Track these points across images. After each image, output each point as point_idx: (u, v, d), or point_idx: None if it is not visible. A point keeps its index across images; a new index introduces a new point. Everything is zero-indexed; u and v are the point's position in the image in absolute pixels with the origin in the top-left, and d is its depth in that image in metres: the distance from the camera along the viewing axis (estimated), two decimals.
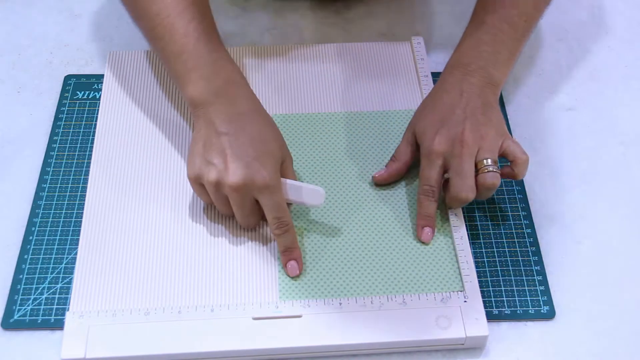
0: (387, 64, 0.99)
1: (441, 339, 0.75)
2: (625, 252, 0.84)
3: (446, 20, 1.07)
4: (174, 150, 0.89)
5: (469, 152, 0.81)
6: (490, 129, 0.83)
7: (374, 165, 0.89)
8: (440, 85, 0.88)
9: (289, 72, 0.98)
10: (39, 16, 1.07)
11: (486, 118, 0.83)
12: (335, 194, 0.86)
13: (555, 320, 0.79)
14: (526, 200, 0.88)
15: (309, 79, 0.97)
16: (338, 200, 0.85)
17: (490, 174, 0.81)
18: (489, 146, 0.81)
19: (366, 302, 0.77)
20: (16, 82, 0.99)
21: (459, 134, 0.81)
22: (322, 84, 0.97)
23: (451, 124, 0.82)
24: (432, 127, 0.83)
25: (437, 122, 0.83)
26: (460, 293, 0.78)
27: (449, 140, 0.81)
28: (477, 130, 0.82)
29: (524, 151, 0.83)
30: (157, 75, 0.97)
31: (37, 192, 0.87)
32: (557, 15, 1.07)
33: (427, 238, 0.82)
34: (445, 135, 0.82)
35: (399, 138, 0.90)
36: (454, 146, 0.81)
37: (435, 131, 0.82)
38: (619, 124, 0.96)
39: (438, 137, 0.82)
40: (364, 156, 0.89)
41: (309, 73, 0.98)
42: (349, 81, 0.97)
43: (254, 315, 0.76)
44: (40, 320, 0.78)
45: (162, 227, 0.83)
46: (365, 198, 0.86)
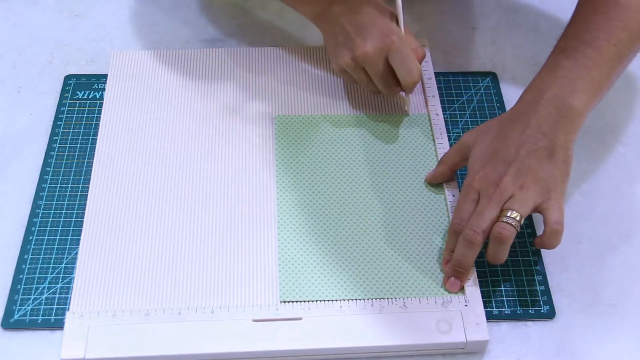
0: None
1: (441, 343, 0.75)
2: (625, 252, 0.84)
3: (446, 21, 1.07)
4: (176, 151, 0.89)
5: (499, 199, 0.76)
6: (535, 181, 0.76)
7: (375, 168, 0.88)
8: (510, 111, 0.82)
9: (289, 73, 0.98)
10: (39, 16, 1.07)
11: (539, 166, 0.77)
12: (336, 197, 0.86)
13: (555, 320, 0.79)
14: None
15: (309, 80, 0.97)
16: (339, 203, 0.85)
17: (503, 224, 0.75)
18: (522, 199, 0.76)
19: (367, 305, 0.77)
20: (16, 82, 0.99)
21: (500, 175, 0.77)
22: (322, 85, 0.97)
23: (499, 161, 0.78)
24: (482, 158, 0.79)
25: (489, 155, 0.79)
26: (461, 297, 0.78)
27: (489, 179, 0.77)
28: (520, 178, 0.76)
29: (559, 220, 0.76)
30: (161, 75, 0.97)
31: (37, 192, 0.87)
32: (557, 15, 1.07)
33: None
34: (488, 173, 0.78)
35: (402, 141, 0.90)
36: (488, 186, 0.77)
37: (483, 165, 0.79)
38: (618, 124, 0.96)
39: (482, 172, 0.78)
40: (365, 159, 0.89)
41: (309, 74, 0.98)
42: (351, 83, 0.97)
43: (254, 317, 0.76)
44: (40, 320, 0.78)
45: (163, 228, 0.83)
46: (366, 201, 0.86)
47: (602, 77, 0.80)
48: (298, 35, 1.05)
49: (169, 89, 0.96)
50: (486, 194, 0.77)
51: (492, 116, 0.95)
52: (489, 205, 0.76)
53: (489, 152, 0.79)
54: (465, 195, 0.79)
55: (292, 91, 0.96)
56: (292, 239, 0.82)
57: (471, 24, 1.07)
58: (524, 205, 0.76)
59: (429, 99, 0.95)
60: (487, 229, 0.76)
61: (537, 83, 0.81)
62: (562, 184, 0.78)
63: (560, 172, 0.78)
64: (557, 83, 0.80)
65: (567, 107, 0.78)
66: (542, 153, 0.77)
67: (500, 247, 0.76)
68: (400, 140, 0.91)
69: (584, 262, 0.84)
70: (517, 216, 0.75)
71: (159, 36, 1.04)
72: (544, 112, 0.79)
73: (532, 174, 0.77)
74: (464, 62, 1.02)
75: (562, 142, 0.78)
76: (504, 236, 0.75)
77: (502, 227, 0.75)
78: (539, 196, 0.76)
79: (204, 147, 0.90)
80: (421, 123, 0.93)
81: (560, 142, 0.78)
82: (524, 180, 0.76)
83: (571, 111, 0.79)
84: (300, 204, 0.85)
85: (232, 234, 0.83)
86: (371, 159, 0.89)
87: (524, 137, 0.78)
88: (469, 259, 0.77)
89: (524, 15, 1.08)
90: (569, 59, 0.80)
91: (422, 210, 0.85)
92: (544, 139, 0.78)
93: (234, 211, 0.84)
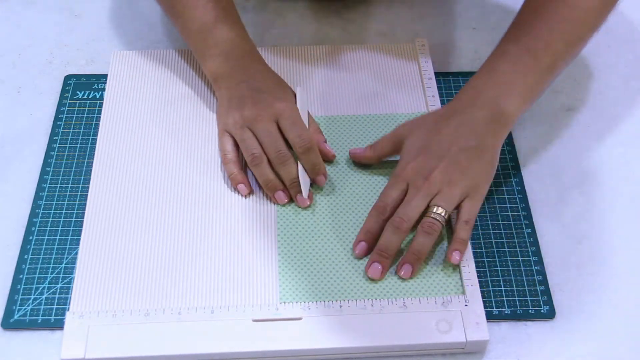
0: (390, 66, 0.99)
1: (441, 343, 0.75)
2: (625, 252, 0.84)
3: (446, 21, 1.07)
4: (176, 151, 0.89)
5: (427, 191, 0.79)
6: (463, 178, 0.79)
7: (374, 168, 0.88)
8: (446, 107, 0.85)
9: (289, 74, 0.98)
10: (39, 16, 1.07)
11: (467, 164, 0.80)
12: (336, 197, 0.86)
13: (555, 320, 0.79)
14: (526, 200, 0.87)
15: (310, 80, 0.97)
16: (339, 203, 0.85)
17: (431, 220, 0.78)
18: (449, 195, 0.79)
19: (367, 305, 0.77)
20: (16, 82, 0.99)
21: (430, 169, 0.79)
22: (323, 85, 0.97)
23: (430, 155, 0.80)
24: (415, 150, 0.82)
25: (421, 147, 0.81)
26: (461, 297, 0.78)
27: (419, 171, 0.80)
28: (449, 173, 0.79)
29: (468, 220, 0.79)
30: (161, 75, 0.97)
31: (37, 192, 0.87)
32: None
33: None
34: (419, 165, 0.80)
35: None
36: (418, 178, 0.80)
37: (415, 156, 0.81)
38: (619, 124, 0.96)
39: (413, 163, 0.81)
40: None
41: (309, 74, 0.98)
42: (351, 83, 0.97)
43: (253, 317, 0.76)
44: (40, 320, 0.78)
45: (163, 228, 0.83)
46: (365, 201, 0.86)
47: (537, 84, 0.84)
48: (298, 35, 1.05)
49: (169, 89, 0.96)
50: (415, 184, 0.80)
51: None
52: (417, 196, 0.79)
53: (421, 145, 0.82)
54: (394, 183, 0.81)
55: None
56: (292, 238, 0.82)
57: (471, 24, 1.07)
58: (450, 203, 0.79)
59: (429, 99, 0.95)
60: (414, 218, 0.79)
61: (474, 83, 0.84)
62: (485, 185, 0.82)
63: (486, 174, 0.81)
64: (493, 86, 0.82)
65: (500, 112, 0.82)
66: (472, 152, 0.80)
67: (426, 240, 0.79)
68: None
69: (584, 262, 0.83)
70: (443, 212, 0.79)
71: (159, 36, 1.04)
72: (478, 114, 0.81)
73: (460, 172, 0.79)
74: (464, 62, 1.02)
75: (490, 145, 0.81)
76: (432, 229, 0.78)
77: (431, 222, 0.78)
78: (463, 193, 0.80)
79: (204, 147, 0.90)
80: None
81: (489, 144, 0.81)
82: (452, 176, 0.79)
83: (503, 116, 0.82)
84: None
85: (232, 234, 0.83)
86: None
87: (457, 134, 0.81)
88: (395, 244, 0.79)
89: None
90: (507, 63, 0.83)
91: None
92: (475, 139, 0.81)
93: (234, 211, 0.84)
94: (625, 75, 1.00)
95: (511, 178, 0.89)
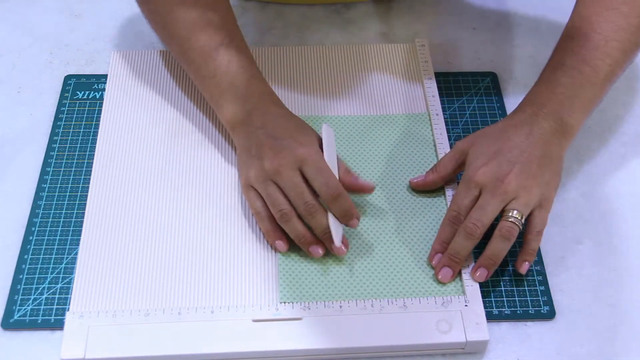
0: (390, 66, 0.99)
1: (441, 343, 0.75)
2: (625, 252, 0.84)
3: (446, 21, 1.07)
4: (176, 151, 0.89)
5: (503, 196, 0.78)
6: (537, 186, 0.78)
7: (374, 169, 0.88)
8: (509, 119, 0.83)
9: (289, 74, 0.98)
10: (39, 16, 1.07)
11: (539, 172, 0.79)
12: None
13: (555, 320, 0.79)
14: None
15: (310, 81, 0.97)
16: None
17: (510, 224, 0.77)
18: (525, 201, 0.78)
19: (367, 305, 0.77)
20: (16, 82, 0.99)
21: (504, 173, 0.78)
22: (323, 86, 0.97)
23: (503, 160, 0.79)
24: (485, 156, 0.80)
25: (492, 154, 0.80)
26: (461, 297, 0.78)
27: (493, 175, 0.78)
28: (523, 179, 0.78)
29: (540, 231, 0.79)
30: (161, 75, 0.97)
31: (37, 192, 0.87)
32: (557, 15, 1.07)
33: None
34: (492, 169, 0.79)
35: (402, 142, 0.90)
36: (494, 182, 0.78)
37: (486, 161, 0.79)
38: (619, 124, 0.96)
39: (484, 168, 0.79)
40: (366, 160, 0.89)
41: (309, 75, 0.98)
42: (351, 83, 0.97)
43: (253, 317, 0.76)
44: (40, 320, 0.78)
45: (163, 228, 0.83)
46: (366, 201, 0.86)
47: (596, 95, 0.83)
48: (298, 35, 1.05)
49: (169, 89, 0.96)
50: (489, 189, 0.78)
51: (492, 116, 0.95)
52: (492, 201, 0.78)
53: (492, 150, 0.80)
54: (466, 189, 0.79)
55: (292, 91, 0.96)
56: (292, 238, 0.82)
57: (471, 24, 1.07)
58: (527, 208, 0.78)
59: (429, 99, 0.95)
60: (488, 223, 0.77)
61: (536, 96, 0.83)
62: (554, 195, 0.81)
63: (554, 183, 0.81)
64: (555, 100, 0.82)
65: (564, 124, 0.81)
66: (542, 161, 0.80)
67: (504, 245, 0.78)
68: (400, 140, 0.91)
69: (584, 262, 0.84)
70: (520, 216, 0.77)
71: None
72: (545, 124, 0.81)
73: (534, 179, 0.78)
74: (464, 62, 1.02)
75: (557, 154, 0.81)
76: (511, 234, 0.77)
77: (509, 226, 0.77)
78: (537, 201, 0.79)
79: (203, 147, 0.90)
80: (421, 123, 0.93)
81: (556, 154, 0.81)
82: (527, 182, 0.78)
83: (567, 128, 0.81)
84: None
85: (232, 234, 0.83)
86: (371, 159, 0.89)
87: (527, 142, 0.80)
88: (467, 249, 0.78)
89: (524, 15, 1.08)
90: (566, 76, 0.82)
91: (422, 210, 0.85)
92: (543, 148, 0.80)
93: (234, 211, 0.84)
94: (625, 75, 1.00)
95: None
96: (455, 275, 0.79)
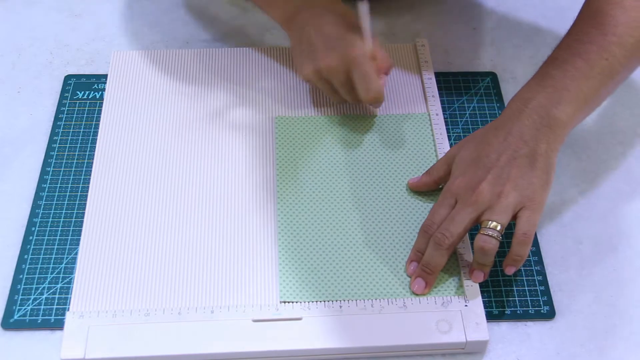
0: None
1: (441, 343, 0.75)
2: (625, 252, 0.84)
3: (446, 21, 1.07)
4: (176, 152, 0.89)
5: (474, 206, 0.76)
6: (515, 189, 0.76)
7: (375, 169, 0.88)
8: (495, 120, 0.82)
9: (289, 73, 0.98)
10: (39, 16, 1.07)
11: (519, 173, 0.76)
12: (336, 197, 0.86)
13: (555, 320, 0.79)
14: None
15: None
16: (339, 203, 0.85)
17: (485, 237, 0.75)
18: (501, 208, 0.75)
19: (366, 305, 0.77)
20: (16, 82, 0.99)
21: (478, 182, 0.76)
22: None
23: (480, 167, 0.77)
24: (464, 163, 0.79)
25: (471, 160, 0.79)
26: (461, 297, 0.78)
27: (467, 184, 0.77)
28: (498, 184, 0.76)
29: (527, 232, 0.75)
30: (161, 75, 0.97)
31: (37, 192, 0.87)
32: (557, 15, 1.07)
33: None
34: (467, 178, 0.78)
35: (402, 142, 0.90)
36: (467, 192, 0.77)
37: (464, 170, 0.79)
38: (619, 124, 0.96)
39: (461, 177, 0.78)
40: (366, 160, 0.89)
41: None
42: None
43: (254, 317, 0.76)
44: (40, 320, 0.78)
45: (163, 228, 0.83)
46: (366, 201, 0.86)
47: (591, 90, 0.79)
48: None
49: (169, 88, 0.96)
50: (463, 198, 0.77)
51: (492, 116, 0.95)
52: (462, 211, 0.76)
53: (470, 158, 0.79)
54: (443, 199, 0.79)
55: (292, 92, 0.96)
56: (292, 239, 0.82)
57: (471, 24, 1.07)
58: (504, 215, 0.76)
59: (429, 99, 0.95)
60: (459, 233, 0.76)
61: (524, 92, 0.81)
62: (542, 193, 0.77)
63: (540, 181, 0.77)
64: (543, 92, 0.79)
65: (550, 117, 0.78)
66: (523, 161, 0.77)
67: (484, 258, 0.76)
68: (400, 140, 0.91)
69: (584, 262, 0.84)
70: (498, 227, 0.75)
71: (159, 36, 1.04)
72: (527, 121, 0.78)
73: (510, 181, 0.76)
74: (464, 62, 1.02)
75: (543, 151, 0.77)
76: (487, 249, 0.75)
77: (483, 239, 0.75)
78: (517, 204, 0.76)
79: (203, 147, 0.90)
80: (421, 123, 0.93)
81: (541, 150, 0.77)
82: (502, 187, 0.76)
83: (554, 121, 0.78)
84: (300, 204, 0.85)
85: (232, 234, 0.83)
86: (371, 159, 0.89)
87: (506, 144, 0.78)
88: (437, 261, 0.77)
89: (524, 15, 1.08)
90: (558, 69, 0.80)
91: (422, 210, 0.85)
92: (525, 147, 0.77)
93: (234, 211, 0.84)
94: None
95: None
96: (430, 286, 0.78)
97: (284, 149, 0.90)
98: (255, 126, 0.92)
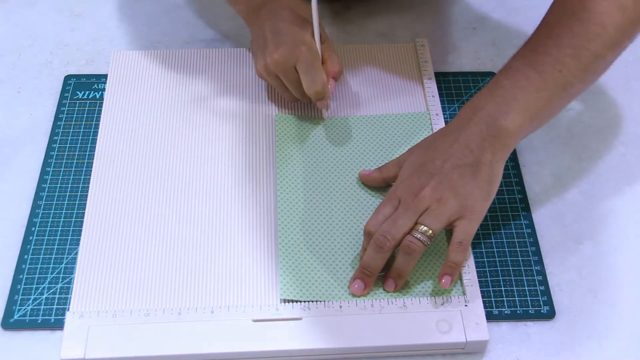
0: (390, 66, 0.99)
1: (441, 343, 0.75)
2: (625, 252, 0.84)
3: (446, 21, 1.07)
4: (176, 151, 0.89)
5: (415, 210, 0.76)
6: (455, 197, 0.76)
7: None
8: (447, 125, 0.82)
9: None
10: (39, 16, 1.07)
11: (460, 182, 0.76)
12: (336, 197, 0.86)
13: (555, 320, 0.79)
14: (526, 200, 0.88)
15: None
16: (339, 203, 0.85)
17: (412, 239, 0.75)
18: (437, 214, 0.76)
19: (366, 306, 0.77)
20: (16, 82, 0.99)
21: (421, 186, 0.77)
22: None
23: (423, 172, 0.78)
24: (411, 168, 0.80)
25: (417, 165, 0.79)
26: (461, 297, 0.78)
27: (410, 189, 0.78)
28: (440, 191, 0.76)
29: (463, 241, 0.76)
30: (161, 75, 0.97)
31: (37, 192, 0.87)
32: None
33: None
34: (411, 183, 0.78)
35: (402, 142, 0.90)
36: (409, 195, 0.77)
37: (410, 174, 0.79)
38: (619, 124, 0.96)
39: (406, 181, 0.78)
40: (366, 160, 0.89)
41: None
42: (350, 84, 0.97)
43: (254, 317, 0.76)
44: (40, 320, 0.78)
45: (163, 228, 0.83)
46: (366, 201, 0.86)
47: (542, 102, 0.78)
48: None
49: (169, 89, 0.96)
50: (405, 202, 0.77)
51: None
52: (404, 214, 0.77)
53: (417, 163, 0.80)
54: (387, 201, 0.79)
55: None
56: (292, 239, 0.82)
57: (471, 24, 1.07)
58: (437, 220, 0.76)
59: (429, 99, 0.95)
60: (399, 236, 0.76)
61: (475, 100, 0.80)
62: (482, 203, 0.77)
63: (481, 191, 0.77)
64: (492, 102, 0.78)
65: (497, 127, 0.77)
66: (466, 170, 0.77)
67: (407, 259, 0.76)
68: (400, 141, 0.91)
69: (584, 262, 0.84)
70: (429, 232, 0.76)
71: (159, 36, 1.04)
72: (474, 129, 0.78)
73: (451, 189, 0.76)
74: (464, 62, 1.02)
75: (487, 161, 0.77)
76: (411, 250, 0.76)
77: (411, 240, 0.76)
78: (454, 212, 0.76)
79: (204, 147, 0.90)
80: (421, 123, 0.93)
81: (486, 160, 0.77)
82: (442, 194, 0.76)
83: (501, 131, 0.77)
84: (301, 203, 0.85)
85: (232, 234, 0.83)
86: (372, 159, 0.89)
87: (451, 151, 0.78)
88: (377, 262, 0.77)
89: (524, 15, 1.08)
90: (510, 79, 0.79)
91: None
92: (470, 155, 0.77)
93: (234, 211, 0.84)
94: (625, 76, 1.00)
95: (511, 178, 0.89)
96: (369, 288, 0.78)
97: (285, 148, 0.90)
98: (256, 125, 0.92)
